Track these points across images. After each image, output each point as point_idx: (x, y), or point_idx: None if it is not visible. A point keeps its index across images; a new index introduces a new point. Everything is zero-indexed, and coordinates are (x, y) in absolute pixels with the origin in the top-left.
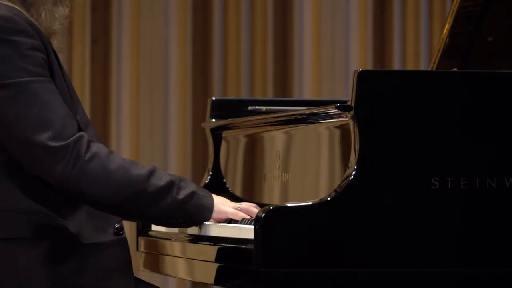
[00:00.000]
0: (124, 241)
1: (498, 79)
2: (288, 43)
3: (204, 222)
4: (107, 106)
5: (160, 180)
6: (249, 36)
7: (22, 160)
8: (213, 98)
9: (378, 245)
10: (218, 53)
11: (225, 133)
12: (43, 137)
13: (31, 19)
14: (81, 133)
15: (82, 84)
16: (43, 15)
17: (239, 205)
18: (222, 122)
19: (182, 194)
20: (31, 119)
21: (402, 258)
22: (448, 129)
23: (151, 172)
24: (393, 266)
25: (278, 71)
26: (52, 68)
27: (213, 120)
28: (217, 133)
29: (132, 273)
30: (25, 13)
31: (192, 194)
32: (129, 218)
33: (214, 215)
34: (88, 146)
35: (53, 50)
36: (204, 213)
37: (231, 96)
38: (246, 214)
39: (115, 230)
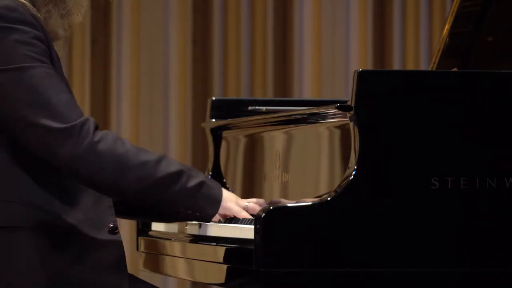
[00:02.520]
0: (119, 240)
1: (498, 79)
2: (288, 43)
3: (203, 222)
4: (107, 106)
5: (169, 166)
6: (249, 36)
7: (29, 145)
8: (213, 98)
9: (378, 245)
10: (218, 53)
11: (225, 133)
12: (49, 120)
13: (36, 14)
14: (87, 116)
15: (82, 84)
16: (51, 19)
17: (247, 203)
18: (222, 122)
19: (191, 183)
20: (35, 104)
21: (402, 258)
22: (448, 129)
23: (161, 158)
24: (393, 266)
25: (278, 71)
26: (53, 62)
27: (213, 120)
28: (217, 133)
29: (126, 270)
30: (31, 8)
31: (202, 183)
32: (136, 202)
33: (220, 210)
34: (96, 129)
35: (53, 47)
36: (212, 205)
37: (231, 96)
38: (253, 213)
39: (110, 229)
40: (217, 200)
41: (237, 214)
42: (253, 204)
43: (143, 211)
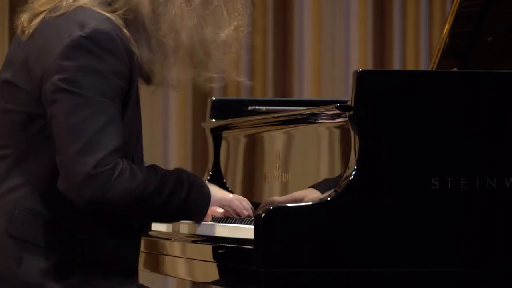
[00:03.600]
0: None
1: (498, 79)
2: (288, 43)
3: (204, 222)
4: None
5: (166, 186)
6: (249, 36)
7: (60, 172)
8: (213, 98)
9: (378, 245)
10: None
11: (225, 133)
12: (88, 161)
13: (130, 43)
14: (117, 159)
15: None
16: (142, 55)
17: (231, 195)
18: (222, 122)
19: (184, 191)
20: (84, 138)
21: (402, 258)
22: (448, 129)
23: (160, 180)
24: (393, 266)
25: (278, 71)
26: (129, 100)
27: (213, 120)
28: (217, 133)
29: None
30: (130, 38)
31: (191, 185)
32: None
33: (211, 203)
34: (120, 172)
35: (137, 83)
36: (203, 203)
37: (231, 96)
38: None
39: (129, 233)
40: (207, 197)
41: (230, 202)
42: (236, 198)
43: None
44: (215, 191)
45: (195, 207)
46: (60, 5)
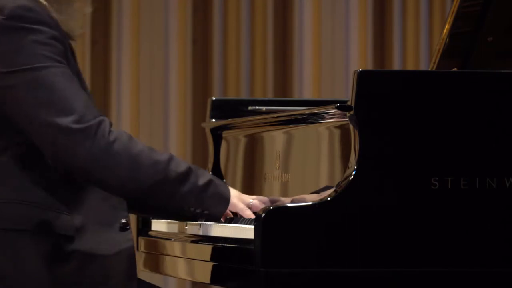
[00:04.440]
0: (129, 238)
1: (498, 79)
2: (288, 43)
3: (203, 222)
4: (107, 106)
5: (179, 166)
6: (249, 36)
7: (45, 147)
8: (213, 98)
9: (378, 245)
10: (218, 53)
11: (225, 133)
12: (67, 120)
13: (53, 13)
14: (103, 116)
15: None
16: (68, 18)
17: (251, 200)
18: (222, 122)
19: (200, 182)
20: (52, 104)
21: (402, 258)
22: (448, 129)
23: (170, 158)
24: (393, 266)
25: (278, 71)
26: (69, 62)
27: (213, 120)
28: (217, 133)
29: (136, 273)
30: (48, 7)
31: (210, 181)
32: (146, 201)
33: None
34: (111, 129)
35: (71, 46)
36: (220, 203)
37: (231, 96)
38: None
39: (121, 225)
40: (226, 198)
41: (242, 211)
42: (257, 201)
43: (148, 207)
44: (233, 195)
45: (212, 203)
46: None
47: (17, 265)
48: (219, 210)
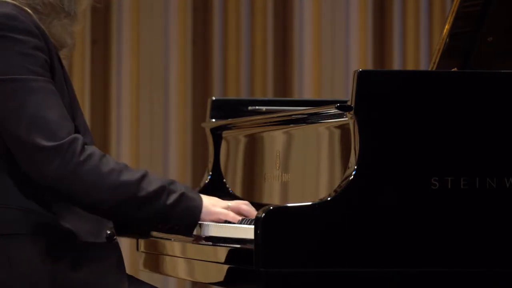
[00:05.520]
0: (116, 245)
1: (498, 79)
2: (288, 43)
3: (204, 222)
4: (107, 106)
5: (150, 185)
6: (249, 36)
7: (17, 158)
8: (213, 98)
9: (378, 245)
10: (218, 53)
11: (225, 133)
12: (37, 136)
13: (39, 22)
14: (76, 134)
15: (82, 85)
16: (54, 29)
17: (229, 203)
18: (222, 122)
19: (171, 199)
20: (26, 118)
21: (402, 258)
22: (448, 129)
23: (143, 177)
24: (393, 266)
25: (278, 71)
26: (54, 71)
27: (213, 120)
28: (217, 133)
29: (125, 271)
30: (34, 16)
31: (181, 196)
32: (118, 220)
33: (205, 216)
34: (83, 148)
35: (58, 55)
36: (193, 216)
37: (231, 96)
38: (237, 212)
39: (107, 236)
40: (197, 210)
41: (225, 216)
42: (235, 203)
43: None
44: (211, 204)
45: (180, 217)
46: None
47: (7, 269)
48: (189, 224)
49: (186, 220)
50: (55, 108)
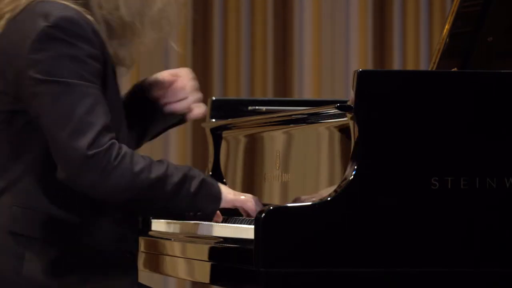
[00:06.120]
0: (133, 267)
1: (498, 79)
2: (288, 43)
3: (203, 222)
4: None
5: (174, 176)
6: (249, 36)
7: (55, 159)
8: (213, 98)
9: (378, 245)
10: (218, 53)
11: (225, 133)
12: (80, 141)
13: (98, 29)
14: (112, 140)
15: None
16: (119, 49)
17: (242, 196)
18: (222, 122)
19: (193, 186)
20: (71, 121)
21: (402, 258)
22: (448, 129)
23: (166, 169)
24: (393, 266)
25: (278, 71)
26: (106, 81)
27: (213, 120)
28: (217, 133)
29: (137, 281)
30: (94, 23)
31: (201, 184)
32: (146, 214)
33: (226, 205)
34: (118, 153)
35: (113, 69)
36: (213, 203)
37: (231, 96)
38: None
39: (126, 257)
40: (217, 197)
41: (243, 203)
42: (246, 196)
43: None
44: (227, 192)
45: (204, 204)
46: (20, 3)
47: (18, 269)
48: (211, 210)
49: (210, 207)
50: (100, 117)
